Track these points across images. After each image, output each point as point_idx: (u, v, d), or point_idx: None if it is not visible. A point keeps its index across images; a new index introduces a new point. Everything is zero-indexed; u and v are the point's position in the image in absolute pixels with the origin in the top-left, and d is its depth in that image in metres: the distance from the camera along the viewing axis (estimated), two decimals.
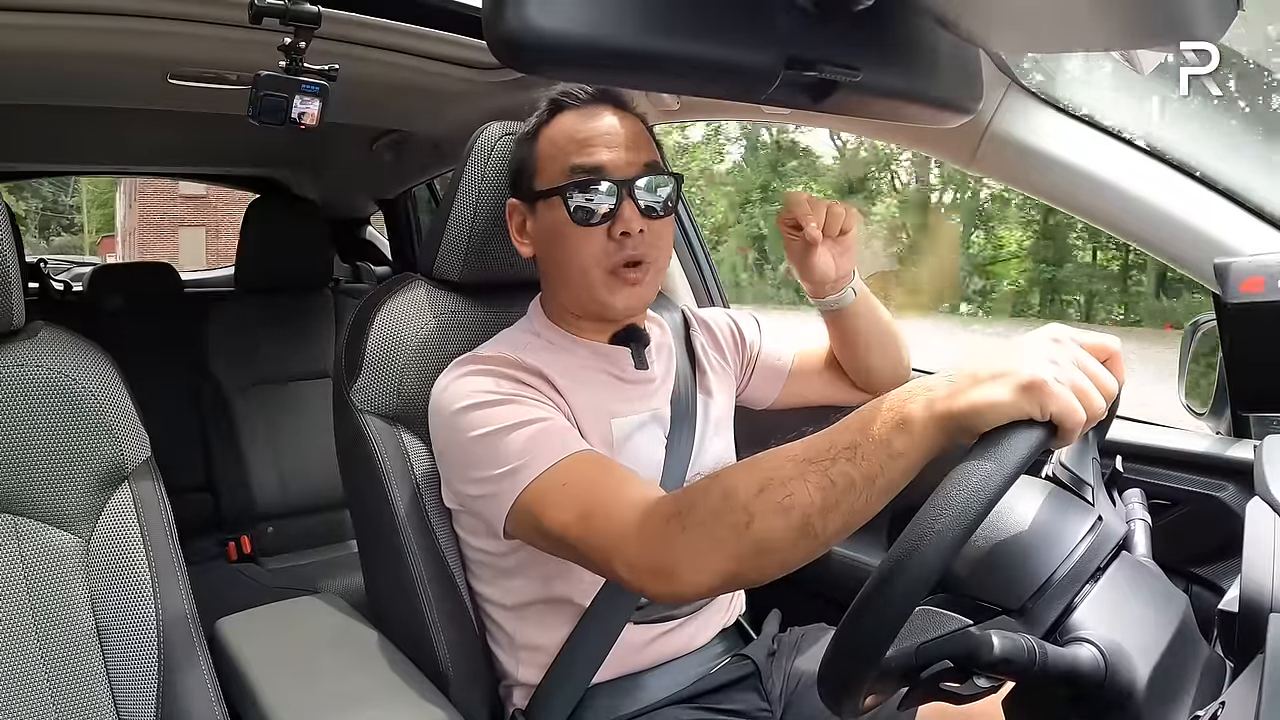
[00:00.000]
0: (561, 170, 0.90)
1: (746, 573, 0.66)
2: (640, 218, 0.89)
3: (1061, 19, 0.63)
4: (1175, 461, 1.02)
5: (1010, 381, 0.56)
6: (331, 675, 0.94)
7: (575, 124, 0.92)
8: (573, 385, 0.92)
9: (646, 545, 0.70)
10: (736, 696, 0.99)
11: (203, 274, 3.32)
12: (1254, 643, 0.55)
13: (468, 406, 0.85)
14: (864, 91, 0.65)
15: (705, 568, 0.66)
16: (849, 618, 0.56)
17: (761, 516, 0.63)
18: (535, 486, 0.79)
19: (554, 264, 0.94)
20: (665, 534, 0.68)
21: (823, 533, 0.62)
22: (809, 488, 0.62)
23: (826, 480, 0.61)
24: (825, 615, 1.07)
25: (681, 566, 0.67)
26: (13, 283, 0.82)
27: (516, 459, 0.80)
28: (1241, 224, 0.91)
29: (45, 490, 0.84)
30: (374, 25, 1.22)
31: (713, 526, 0.65)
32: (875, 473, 0.60)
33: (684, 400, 1.00)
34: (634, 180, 0.89)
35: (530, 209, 0.95)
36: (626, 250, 0.89)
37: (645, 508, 0.71)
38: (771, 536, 0.63)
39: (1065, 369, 0.57)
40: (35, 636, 0.81)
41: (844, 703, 0.58)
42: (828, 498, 0.61)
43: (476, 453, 0.84)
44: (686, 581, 0.68)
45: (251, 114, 1.04)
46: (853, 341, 1.07)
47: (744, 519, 0.63)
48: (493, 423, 0.83)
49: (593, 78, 0.83)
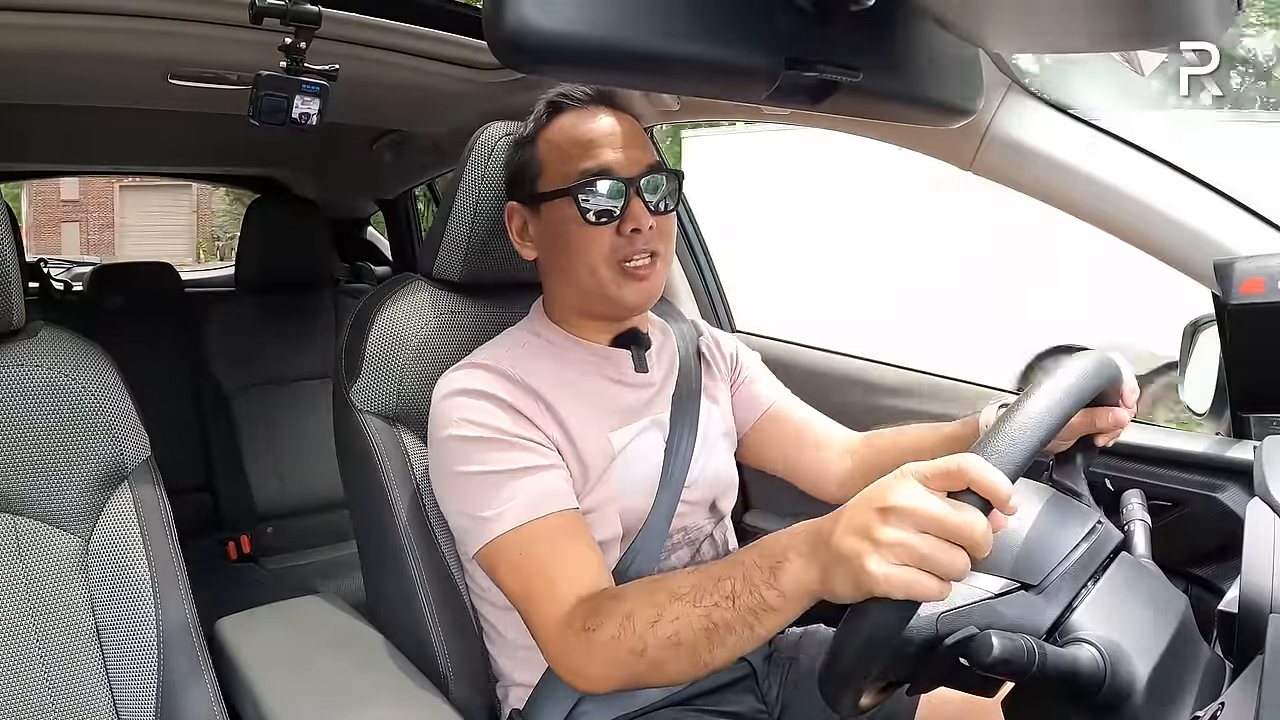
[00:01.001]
0: (567, 172, 0.90)
1: (648, 682, 0.75)
2: (648, 214, 0.90)
3: (1062, 19, 0.63)
4: (1175, 462, 1.01)
5: (842, 570, 0.57)
6: (331, 675, 0.93)
7: (575, 125, 0.92)
8: (569, 400, 0.92)
9: (563, 649, 0.79)
10: (733, 698, 0.99)
11: (203, 274, 3.32)
12: (1254, 643, 0.55)
13: (459, 438, 0.87)
14: (864, 92, 0.65)
15: (609, 678, 0.76)
16: (851, 615, 0.56)
17: (654, 647, 0.71)
18: (498, 543, 0.83)
19: (560, 264, 0.94)
20: (578, 644, 0.77)
21: (712, 661, 0.69)
22: (694, 627, 0.69)
23: (709, 622, 0.68)
24: (824, 616, 1.07)
25: (590, 673, 0.77)
26: (13, 283, 0.82)
27: (491, 508, 0.84)
28: (1241, 224, 0.91)
29: (45, 490, 0.84)
30: (374, 25, 1.22)
31: (614, 649, 0.74)
32: (752, 620, 0.66)
33: (687, 404, 1.00)
34: (639, 179, 0.90)
35: (533, 211, 0.95)
36: (636, 246, 0.90)
37: (569, 611, 0.79)
38: (663, 662, 0.71)
39: (894, 548, 0.54)
40: (34, 637, 0.81)
41: (844, 701, 0.58)
42: (711, 637, 0.68)
43: (458, 486, 0.87)
44: (596, 685, 0.78)
45: (252, 114, 1.04)
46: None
47: (639, 646, 0.72)
48: (476, 464, 0.85)
49: (593, 78, 0.83)
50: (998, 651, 0.54)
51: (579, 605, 0.79)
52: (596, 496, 0.90)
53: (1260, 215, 0.91)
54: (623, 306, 0.93)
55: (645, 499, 0.93)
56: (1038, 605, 0.61)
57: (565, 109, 0.93)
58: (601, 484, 0.91)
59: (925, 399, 1.29)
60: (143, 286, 2.36)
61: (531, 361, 0.93)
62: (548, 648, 0.81)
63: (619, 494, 0.91)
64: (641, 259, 0.90)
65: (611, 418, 0.94)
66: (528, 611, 0.82)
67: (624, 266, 0.90)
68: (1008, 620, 0.60)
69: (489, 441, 0.86)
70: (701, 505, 0.99)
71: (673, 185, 0.93)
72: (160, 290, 2.36)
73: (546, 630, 0.80)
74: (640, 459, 0.94)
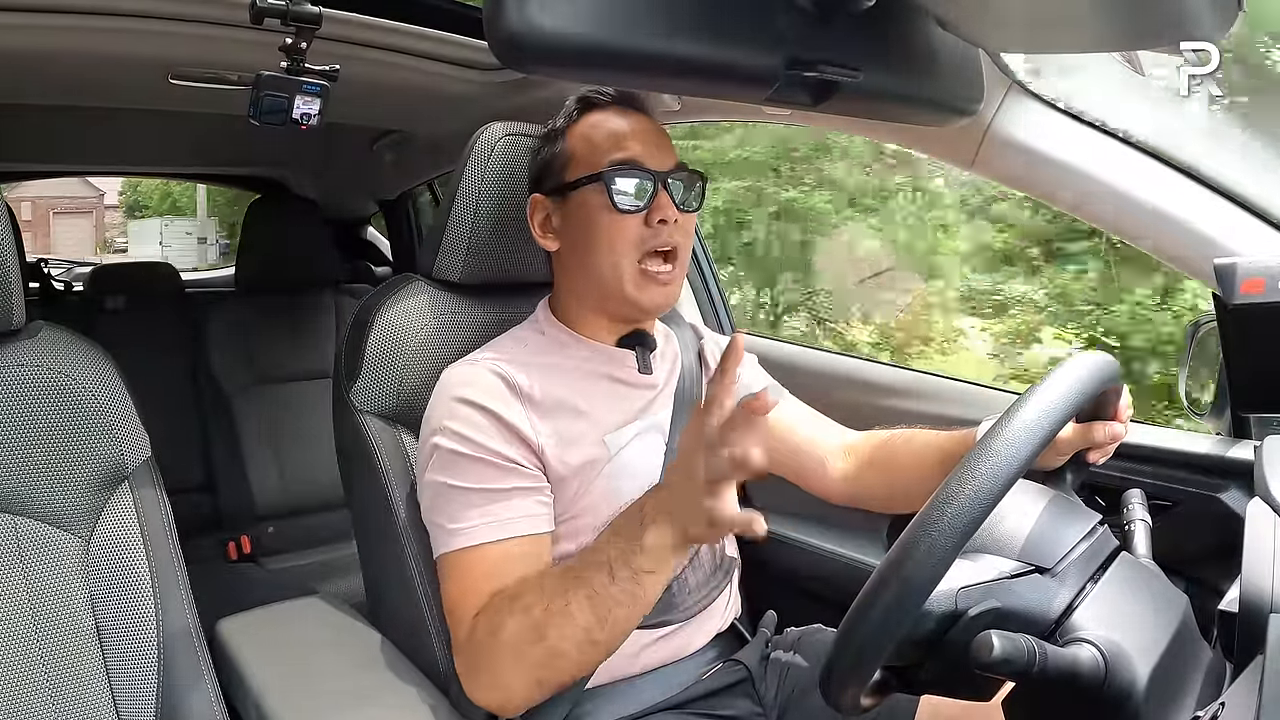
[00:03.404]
0: (597, 161, 0.92)
1: (553, 677, 0.79)
2: (675, 209, 0.92)
3: (1062, 19, 0.63)
4: (1175, 462, 1.01)
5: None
6: (331, 675, 0.94)
7: (606, 121, 0.95)
8: (567, 403, 0.92)
9: (473, 660, 0.82)
10: (729, 702, 0.99)
11: (203, 274, 3.32)
12: (1254, 643, 0.55)
13: (445, 449, 0.88)
14: (865, 92, 0.65)
15: (514, 680, 0.80)
16: (853, 613, 0.56)
17: (549, 627, 0.76)
18: (453, 556, 0.86)
19: (582, 254, 0.94)
20: (486, 649, 0.80)
21: (604, 638, 0.76)
22: (580, 595, 0.75)
23: (591, 590, 0.74)
24: (823, 616, 1.07)
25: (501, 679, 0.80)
26: (13, 282, 0.82)
27: (457, 523, 0.86)
28: (1241, 224, 0.91)
29: (45, 490, 0.84)
30: (375, 26, 1.22)
31: (516, 642, 0.78)
32: (635, 589, 0.73)
33: (687, 405, 1.00)
34: (667, 174, 0.92)
35: (558, 202, 0.96)
36: (662, 237, 0.91)
37: (473, 620, 0.82)
38: (560, 644, 0.76)
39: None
40: (35, 637, 0.81)
41: (846, 701, 0.58)
42: (597, 606, 0.74)
43: (434, 493, 0.89)
44: (505, 690, 0.81)
45: (252, 114, 1.04)
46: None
47: (537, 632, 0.76)
48: (456, 478, 0.87)
49: (594, 78, 0.84)
50: (998, 651, 0.54)
51: (480, 615, 0.82)
52: (589, 499, 0.91)
53: (1261, 215, 0.91)
54: (639, 309, 0.94)
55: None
56: (1051, 587, 0.62)
57: (595, 106, 0.96)
58: (595, 487, 0.91)
59: (925, 399, 1.29)
60: (143, 286, 2.36)
61: (533, 361, 0.93)
62: (458, 663, 0.85)
63: (615, 496, 0.91)
64: (664, 267, 0.92)
65: (610, 419, 0.94)
66: (451, 627, 0.86)
67: (645, 270, 0.92)
68: (1024, 599, 0.61)
69: (472, 460, 0.87)
70: None
71: (698, 187, 0.95)
72: (160, 290, 2.36)
73: (456, 644, 0.84)
74: (637, 460, 0.94)
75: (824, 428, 1.09)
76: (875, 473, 1.03)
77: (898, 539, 0.56)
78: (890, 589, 0.55)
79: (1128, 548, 0.72)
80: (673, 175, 0.93)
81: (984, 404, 1.22)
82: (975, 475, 0.56)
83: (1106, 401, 0.80)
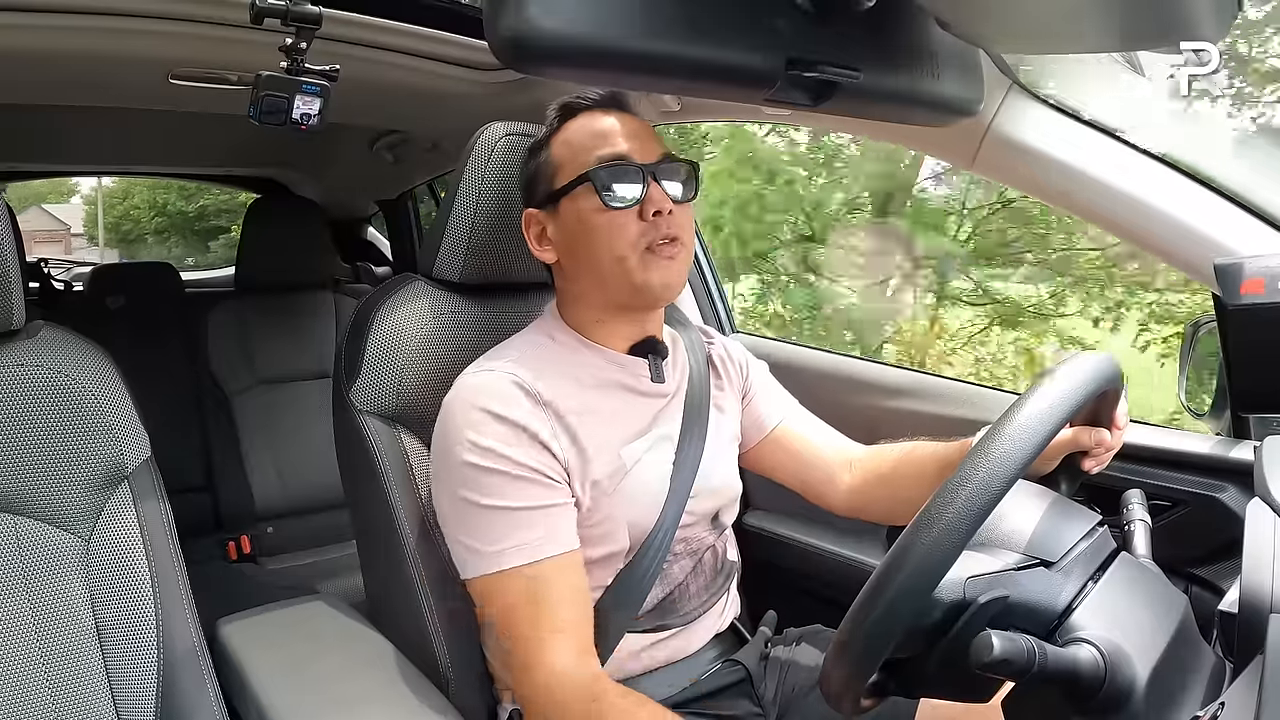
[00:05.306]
0: (584, 163, 0.90)
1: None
2: (668, 200, 0.89)
3: (1062, 20, 0.63)
4: (1175, 462, 1.01)
5: None
6: (331, 676, 0.94)
7: (589, 124, 0.93)
8: (585, 415, 0.90)
9: (549, 700, 0.83)
10: (728, 702, 0.99)
11: (203, 274, 3.32)
12: (1254, 644, 0.55)
13: (470, 464, 0.85)
14: (865, 92, 0.66)
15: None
16: (853, 614, 0.56)
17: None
18: (495, 579, 0.85)
19: (583, 258, 0.92)
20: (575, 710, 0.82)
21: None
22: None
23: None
24: (822, 616, 1.07)
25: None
26: (13, 282, 0.82)
27: (494, 544, 0.84)
28: (1241, 224, 0.91)
29: (45, 490, 0.84)
30: (375, 26, 1.22)
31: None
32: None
33: (696, 415, 0.98)
34: (656, 165, 0.90)
35: (550, 212, 0.94)
36: (660, 230, 0.89)
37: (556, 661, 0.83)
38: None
39: None
40: (34, 637, 0.81)
41: (845, 701, 0.58)
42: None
43: (462, 511, 0.87)
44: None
45: (252, 114, 1.04)
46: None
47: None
48: (485, 496, 0.85)
49: (593, 78, 0.83)
50: (998, 651, 0.54)
51: (578, 675, 0.83)
52: (605, 511, 0.90)
53: (1261, 215, 0.91)
54: (649, 293, 0.90)
55: (651, 511, 0.92)
56: (1056, 580, 0.62)
57: (577, 112, 0.94)
58: (611, 500, 0.90)
59: (926, 399, 1.29)
60: (143, 286, 2.36)
61: (548, 370, 0.91)
62: (522, 688, 0.86)
63: (627, 508, 0.91)
64: (668, 246, 0.89)
65: (625, 431, 0.93)
66: (512, 648, 0.85)
67: (650, 248, 0.89)
68: (1029, 591, 0.61)
69: (500, 475, 0.85)
70: (705, 517, 0.99)
71: (689, 174, 0.93)
72: (160, 290, 2.36)
73: (529, 671, 0.84)
74: (649, 473, 0.93)
75: (832, 441, 1.09)
76: (878, 487, 1.03)
77: (897, 539, 0.56)
78: (889, 590, 0.55)
79: (1128, 548, 0.72)
80: (662, 165, 0.90)
81: (984, 404, 1.22)
82: (973, 478, 0.56)
83: (1105, 404, 0.80)
